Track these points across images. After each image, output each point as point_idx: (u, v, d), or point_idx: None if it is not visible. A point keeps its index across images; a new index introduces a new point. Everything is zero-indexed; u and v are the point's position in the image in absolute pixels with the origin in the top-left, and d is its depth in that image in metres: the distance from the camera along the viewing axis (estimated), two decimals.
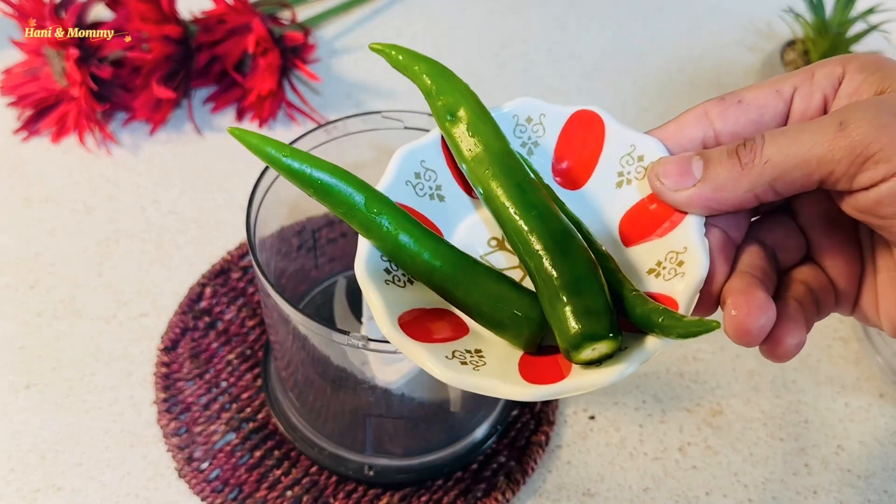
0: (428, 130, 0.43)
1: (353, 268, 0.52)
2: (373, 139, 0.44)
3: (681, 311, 0.27)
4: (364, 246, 0.30)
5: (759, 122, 0.29)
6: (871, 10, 0.67)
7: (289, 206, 0.46)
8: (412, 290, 0.30)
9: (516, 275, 0.31)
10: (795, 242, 0.30)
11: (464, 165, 0.31)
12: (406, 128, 0.43)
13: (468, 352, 0.29)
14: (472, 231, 0.32)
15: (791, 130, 0.26)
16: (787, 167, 0.26)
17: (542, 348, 0.29)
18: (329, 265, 0.53)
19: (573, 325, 0.27)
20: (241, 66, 0.65)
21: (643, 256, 0.30)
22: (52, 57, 0.59)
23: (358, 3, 0.76)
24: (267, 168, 0.41)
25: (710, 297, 0.28)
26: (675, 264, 0.28)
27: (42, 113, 0.62)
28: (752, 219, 0.30)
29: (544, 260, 0.28)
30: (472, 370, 0.28)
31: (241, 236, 0.57)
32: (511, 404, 0.49)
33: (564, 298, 0.27)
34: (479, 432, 0.47)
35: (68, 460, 0.45)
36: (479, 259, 0.31)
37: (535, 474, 0.47)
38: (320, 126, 0.43)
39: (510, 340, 0.29)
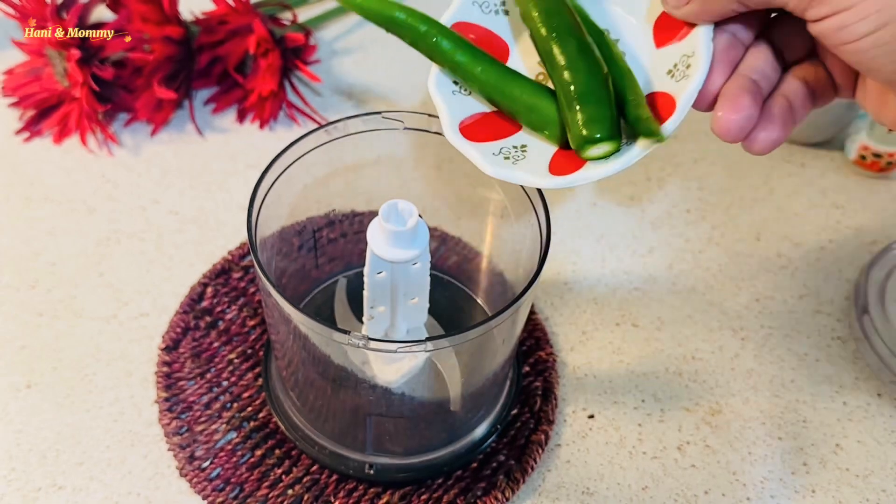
0: (427, 131, 0.43)
1: (353, 268, 0.53)
2: (373, 140, 0.44)
3: (677, 109, 0.32)
4: (435, 67, 0.37)
5: None
6: None
7: (289, 206, 0.46)
8: (476, 96, 0.38)
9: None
10: (801, 40, 0.34)
11: None
12: (406, 128, 0.43)
13: (514, 147, 0.36)
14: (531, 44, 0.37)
15: None
16: None
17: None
18: (329, 265, 0.53)
19: (581, 128, 0.33)
20: (243, 66, 0.65)
21: (666, 58, 0.35)
22: (53, 57, 0.60)
23: None
24: (268, 168, 0.41)
25: (708, 97, 0.33)
26: (685, 67, 0.33)
27: (44, 113, 0.62)
28: (773, 15, 0.35)
29: (564, 73, 0.34)
30: (512, 164, 0.35)
31: (242, 236, 0.57)
32: (510, 403, 0.49)
33: (577, 107, 0.34)
34: (479, 431, 0.48)
35: (69, 460, 0.46)
36: (522, 72, 0.37)
37: (535, 473, 0.47)
38: (321, 126, 0.43)
39: (546, 138, 0.36)
